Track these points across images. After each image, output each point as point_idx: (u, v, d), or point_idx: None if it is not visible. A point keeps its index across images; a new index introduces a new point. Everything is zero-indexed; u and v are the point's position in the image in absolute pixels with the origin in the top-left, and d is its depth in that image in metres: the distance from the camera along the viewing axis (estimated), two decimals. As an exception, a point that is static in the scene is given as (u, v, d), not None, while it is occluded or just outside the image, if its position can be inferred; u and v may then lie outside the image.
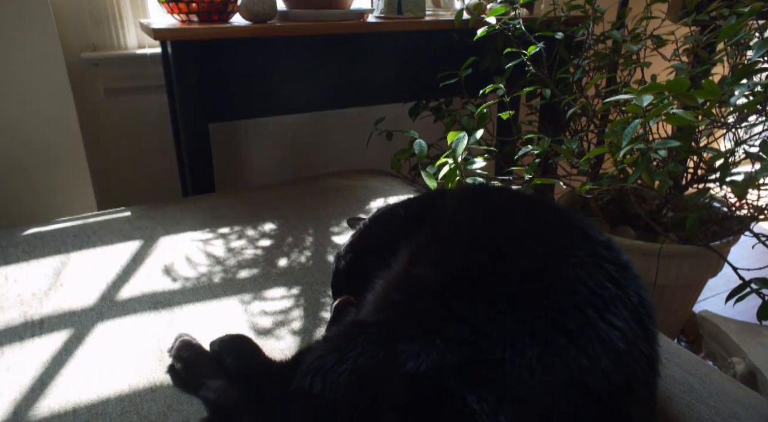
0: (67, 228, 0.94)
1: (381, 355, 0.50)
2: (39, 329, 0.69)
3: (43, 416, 0.56)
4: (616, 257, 0.56)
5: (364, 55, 1.34)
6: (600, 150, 0.98)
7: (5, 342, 0.66)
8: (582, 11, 1.29)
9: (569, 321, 0.48)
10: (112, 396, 0.59)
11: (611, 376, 0.45)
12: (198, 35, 1.10)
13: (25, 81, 1.11)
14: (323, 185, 1.14)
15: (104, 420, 0.56)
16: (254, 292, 0.77)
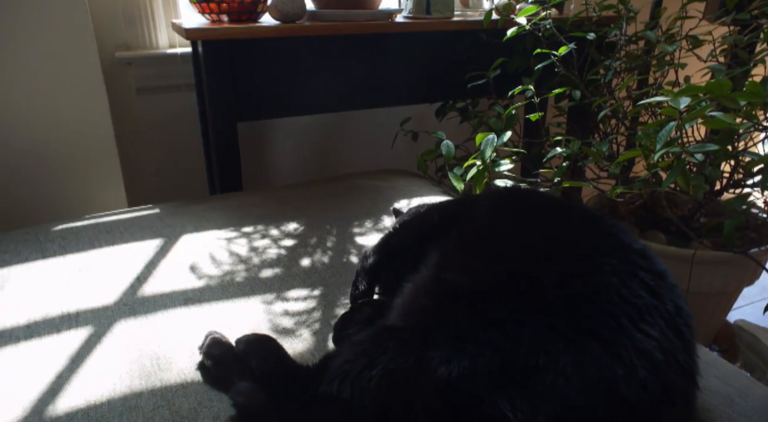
0: (100, 224, 0.96)
1: (412, 361, 0.49)
2: (75, 322, 0.70)
3: (79, 406, 0.58)
4: (651, 265, 0.54)
5: (391, 55, 1.33)
6: (633, 153, 0.96)
7: (44, 333, 0.67)
8: (615, 11, 1.27)
9: (603, 329, 0.47)
10: (145, 391, 0.60)
11: (649, 386, 0.44)
12: (228, 35, 1.11)
13: (61, 79, 1.14)
14: (350, 185, 1.14)
15: (137, 414, 0.57)
16: (277, 291, 0.78)
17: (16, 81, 1.10)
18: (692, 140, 1.28)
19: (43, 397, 0.58)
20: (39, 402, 0.58)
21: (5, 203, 1.16)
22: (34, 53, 1.10)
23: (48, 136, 1.16)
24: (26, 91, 1.12)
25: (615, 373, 0.44)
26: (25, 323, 0.69)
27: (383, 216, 1.01)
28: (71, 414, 0.56)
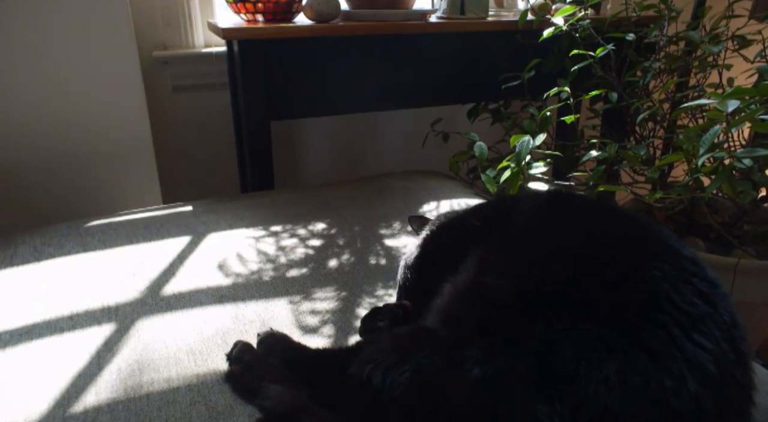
0: (137, 220, 0.98)
1: (446, 360, 0.49)
2: (114, 315, 0.71)
3: (119, 398, 0.59)
4: (703, 272, 0.52)
5: (424, 55, 1.33)
6: (674, 157, 0.93)
7: (85, 324, 0.69)
8: (656, 11, 1.24)
9: (652, 339, 0.45)
10: (182, 386, 0.61)
11: (701, 401, 0.42)
12: (264, 35, 1.12)
13: (101, 78, 1.17)
14: (381, 186, 1.14)
15: (175, 409, 0.58)
16: (307, 290, 0.78)
17: (58, 80, 1.13)
18: (737, 145, 1.24)
19: (86, 387, 0.60)
20: (82, 391, 0.59)
21: (46, 197, 1.20)
22: (76, 53, 1.13)
23: (87, 133, 1.19)
24: (67, 89, 1.15)
25: (663, 385, 0.43)
26: (68, 314, 0.71)
27: (418, 215, 1.00)
28: (112, 406, 0.57)
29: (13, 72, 1.09)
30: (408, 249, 0.78)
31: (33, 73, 1.11)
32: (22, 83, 1.11)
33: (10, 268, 0.82)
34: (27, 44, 1.08)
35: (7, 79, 1.09)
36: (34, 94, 1.12)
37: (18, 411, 0.57)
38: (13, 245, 0.88)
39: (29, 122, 1.13)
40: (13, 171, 1.15)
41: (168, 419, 0.56)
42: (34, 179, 1.17)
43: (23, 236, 0.91)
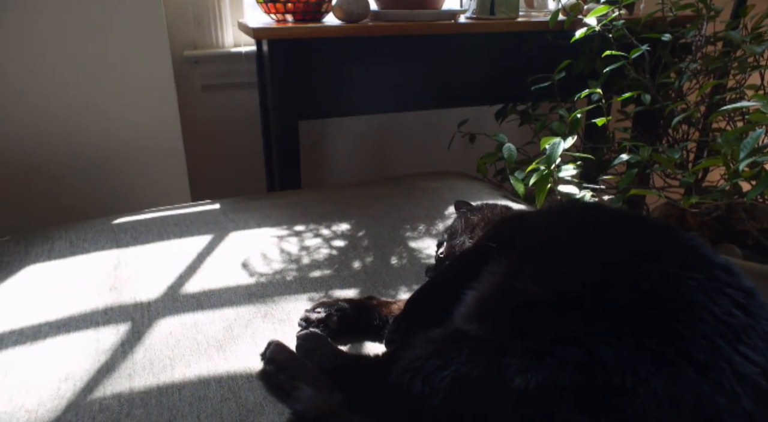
0: (168, 217, 1.00)
1: (486, 366, 0.48)
2: (147, 310, 0.73)
3: (152, 392, 0.59)
4: (738, 282, 0.50)
5: (452, 56, 1.32)
6: (712, 161, 0.91)
7: (120, 320, 0.70)
8: (693, 10, 1.20)
9: (698, 350, 0.43)
10: (213, 382, 0.61)
11: (756, 419, 0.41)
12: (294, 34, 1.13)
13: (134, 77, 1.19)
14: (409, 187, 1.14)
15: (206, 404, 0.58)
16: (333, 290, 0.78)
17: (92, 79, 1.15)
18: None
19: (120, 380, 0.61)
20: (116, 384, 0.60)
21: (79, 193, 1.22)
22: (110, 52, 1.15)
23: (120, 131, 1.22)
24: (101, 88, 1.17)
25: (715, 402, 0.41)
26: (102, 308, 0.73)
27: (441, 220, 0.99)
28: (146, 399, 0.58)
29: (50, 71, 1.12)
30: (458, 236, 0.77)
31: (69, 72, 1.13)
32: (58, 82, 1.13)
33: (48, 261, 0.84)
34: (64, 44, 1.11)
35: (44, 78, 1.12)
36: (69, 92, 1.15)
37: (55, 400, 0.58)
38: (51, 239, 0.90)
39: (64, 119, 1.16)
40: (48, 168, 1.18)
41: (199, 415, 0.57)
42: (67, 176, 1.20)
43: (59, 231, 0.93)
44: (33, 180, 1.17)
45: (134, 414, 0.57)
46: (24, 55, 1.09)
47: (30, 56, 1.09)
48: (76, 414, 0.56)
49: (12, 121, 1.12)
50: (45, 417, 0.56)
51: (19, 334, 0.67)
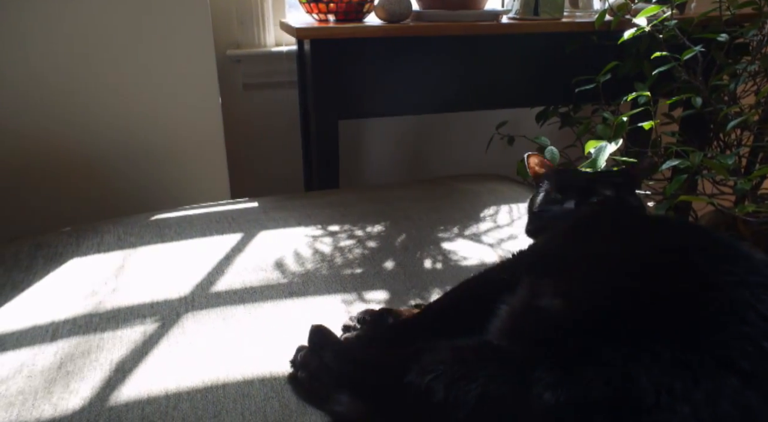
0: (210, 214, 1.02)
1: (515, 380, 0.45)
2: (191, 305, 0.74)
3: (197, 387, 0.60)
4: None
5: (494, 57, 1.30)
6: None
7: (165, 314, 0.72)
8: (755, 8, 1.15)
9: (742, 358, 0.40)
10: (256, 380, 0.62)
11: None
12: (337, 34, 1.13)
13: (178, 75, 1.21)
14: (449, 188, 1.13)
15: (250, 402, 0.59)
16: (376, 291, 0.78)
17: (138, 75, 1.18)
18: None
19: (167, 374, 0.62)
20: (163, 378, 0.61)
21: (123, 188, 1.26)
22: (157, 50, 1.18)
23: (164, 128, 1.25)
24: (147, 85, 1.20)
25: (765, 416, 0.38)
26: (149, 302, 0.74)
27: (479, 223, 0.98)
28: (192, 394, 0.59)
29: (98, 68, 1.15)
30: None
31: (116, 69, 1.16)
32: (105, 79, 1.16)
33: (98, 254, 0.86)
34: (112, 41, 1.14)
35: (92, 75, 1.15)
36: (114, 89, 1.18)
37: (106, 390, 0.59)
38: (100, 233, 0.93)
39: (110, 116, 1.19)
40: (93, 163, 1.21)
41: (244, 412, 0.58)
42: (112, 171, 1.23)
43: (108, 225, 0.96)
44: (80, 175, 1.21)
45: (181, 407, 0.58)
46: (74, 52, 1.12)
47: (80, 54, 1.13)
48: (126, 404, 0.58)
49: (62, 119, 1.16)
50: (98, 405, 0.57)
51: (72, 324, 0.70)
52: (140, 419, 0.56)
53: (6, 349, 0.65)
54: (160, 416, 0.56)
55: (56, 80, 1.13)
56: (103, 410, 0.57)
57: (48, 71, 1.11)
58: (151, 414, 0.57)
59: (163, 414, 0.57)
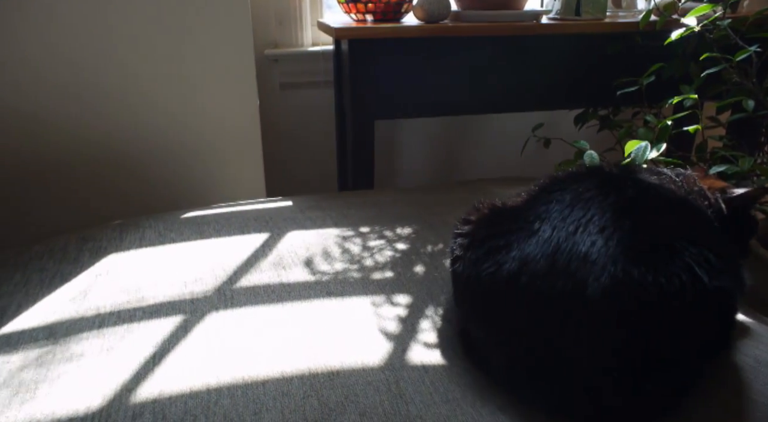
0: (247, 212, 1.03)
1: None
2: (230, 302, 0.75)
3: (238, 383, 0.61)
4: None
5: (533, 58, 1.28)
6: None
7: (205, 310, 0.73)
8: (813, 8, 1.10)
9: None
10: (295, 378, 0.62)
11: None
12: (376, 34, 1.13)
13: (218, 74, 1.23)
14: (485, 192, 1.11)
15: (289, 400, 0.59)
16: (394, 293, 0.77)
17: (178, 75, 1.21)
18: None
19: (207, 369, 0.63)
20: (204, 373, 0.62)
21: (161, 185, 1.28)
22: (197, 50, 1.20)
23: (202, 127, 1.27)
24: (186, 84, 1.22)
25: None
26: (189, 297, 0.75)
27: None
28: (232, 390, 0.60)
29: (139, 66, 1.18)
30: None
31: (156, 69, 1.19)
32: (145, 77, 1.19)
33: (140, 249, 0.88)
34: (153, 41, 1.16)
35: (132, 74, 1.18)
36: (155, 88, 1.20)
37: (151, 383, 0.61)
38: (141, 228, 0.95)
39: (149, 114, 1.22)
40: (134, 160, 1.24)
41: (283, 410, 0.58)
42: (150, 168, 1.26)
43: (149, 220, 0.98)
44: (120, 172, 1.24)
45: (222, 403, 0.58)
46: (116, 51, 1.15)
47: (121, 52, 1.15)
48: (169, 398, 0.59)
49: (102, 116, 1.19)
50: (143, 396, 0.58)
51: (117, 317, 0.71)
52: (183, 412, 0.57)
53: (57, 338, 0.67)
54: (202, 411, 0.57)
55: (96, 78, 1.16)
56: (148, 402, 0.58)
57: (88, 69, 1.15)
58: (194, 408, 0.57)
59: (204, 409, 0.57)
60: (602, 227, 0.55)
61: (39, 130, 1.16)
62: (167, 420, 0.56)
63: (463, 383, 0.63)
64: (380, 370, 0.64)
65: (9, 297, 0.75)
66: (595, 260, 0.53)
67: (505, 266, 0.58)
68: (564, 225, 0.57)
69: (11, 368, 0.63)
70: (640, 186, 0.62)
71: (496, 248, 0.60)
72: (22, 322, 0.70)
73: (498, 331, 0.61)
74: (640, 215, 0.57)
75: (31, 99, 1.13)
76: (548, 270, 0.55)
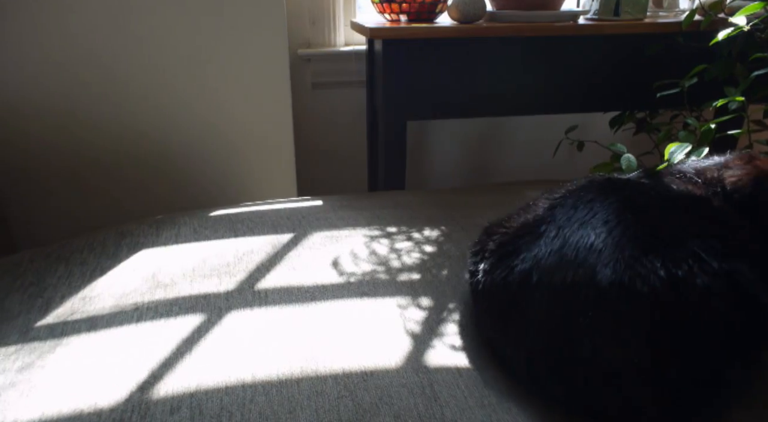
0: (280, 210, 1.03)
1: None
2: (264, 300, 0.75)
3: (273, 381, 0.61)
4: None
5: (570, 59, 1.25)
6: None
7: (240, 307, 0.73)
8: None
9: None
10: (329, 377, 0.62)
11: None
12: (411, 35, 1.13)
13: (252, 74, 1.25)
14: (518, 195, 1.10)
15: (324, 400, 0.59)
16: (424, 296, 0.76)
17: (212, 74, 1.22)
18: None
19: (243, 367, 0.63)
20: (239, 370, 0.62)
21: (193, 183, 1.31)
22: (232, 49, 1.21)
23: (235, 126, 1.28)
24: (220, 83, 1.24)
25: None
26: (224, 294, 0.76)
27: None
28: (267, 388, 0.60)
29: (174, 68, 1.20)
30: None
31: (191, 69, 1.21)
32: (180, 78, 1.21)
33: (176, 245, 0.89)
34: (188, 41, 1.18)
35: (169, 74, 1.20)
36: (190, 88, 1.22)
37: (186, 377, 0.61)
38: (177, 225, 0.96)
39: (184, 113, 1.24)
40: (168, 158, 1.27)
41: (317, 409, 0.58)
42: (186, 166, 1.28)
43: (184, 217, 1.00)
44: (155, 169, 1.26)
45: (257, 401, 0.59)
46: (151, 52, 1.17)
47: (157, 53, 1.18)
48: (206, 393, 0.59)
49: (138, 114, 1.22)
50: (180, 390, 0.59)
51: (154, 311, 0.73)
52: (219, 408, 0.57)
53: (98, 330, 0.69)
54: (238, 407, 0.58)
55: (133, 78, 1.19)
56: (185, 396, 0.59)
57: (124, 69, 1.17)
58: (230, 404, 0.58)
59: (240, 406, 0.58)
60: (606, 220, 0.57)
61: (78, 129, 1.19)
62: (204, 415, 0.57)
63: (498, 389, 0.62)
64: (414, 372, 0.63)
65: (53, 289, 0.78)
66: (601, 250, 0.54)
67: (516, 268, 0.60)
68: (569, 224, 0.59)
69: (56, 357, 0.64)
70: (638, 187, 0.65)
71: (506, 254, 0.63)
72: (66, 314, 0.72)
73: (516, 331, 0.61)
74: (641, 210, 0.59)
75: (69, 99, 1.17)
76: (557, 264, 0.56)
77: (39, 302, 0.75)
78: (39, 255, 0.88)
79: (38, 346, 0.67)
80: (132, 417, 0.56)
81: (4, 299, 0.76)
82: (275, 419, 0.56)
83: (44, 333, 0.69)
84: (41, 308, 0.74)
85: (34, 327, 0.70)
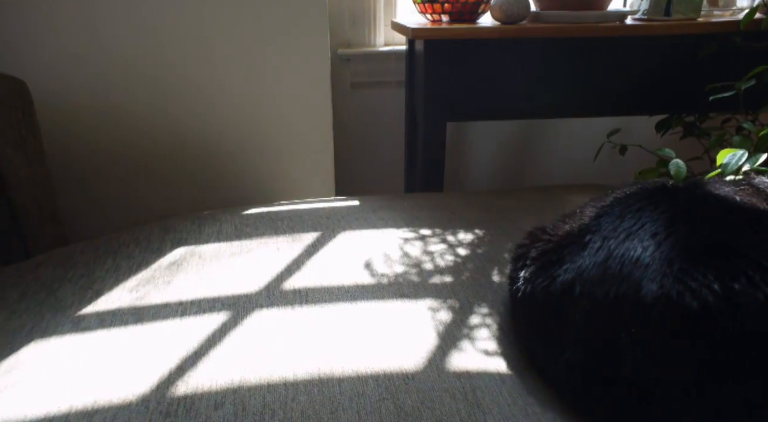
0: (319, 209, 1.04)
1: None
2: (305, 299, 0.76)
3: (314, 381, 0.61)
4: None
5: (616, 61, 1.22)
6: None
7: (281, 304, 0.74)
8: None
9: None
10: (371, 379, 0.62)
11: None
12: (453, 35, 1.12)
13: (293, 73, 1.26)
14: (561, 200, 1.07)
15: (365, 401, 0.59)
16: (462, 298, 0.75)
17: (255, 73, 1.24)
18: None
19: (285, 365, 0.63)
20: (281, 368, 0.63)
21: (234, 180, 1.33)
22: (274, 48, 1.23)
23: (276, 125, 1.30)
24: (262, 82, 1.25)
25: None
26: (265, 292, 0.77)
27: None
28: (309, 388, 0.60)
29: (218, 66, 1.22)
30: None
31: (235, 67, 1.23)
32: (224, 77, 1.23)
33: (217, 243, 0.91)
34: (232, 39, 1.20)
35: (213, 73, 1.22)
36: (233, 86, 1.24)
37: (229, 373, 0.62)
38: (219, 222, 0.98)
39: (227, 111, 1.26)
40: (210, 155, 1.29)
41: (359, 411, 0.58)
42: (228, 163, 1.31)
43: (225, 214, 1.01)
44: (197, 165, 1.29)
45: (299, 400, 0.59)
46: (197, 49, 1.20)
47: (203, 50, 1.20)
48: (249, 390, 0.60)
49: (183, 111, 1.24)
50: (223, 386, 0.60)
51: (198, 307, 0.74)
52: (262, 406, 0.58)
53: (144, 323, 0.70)
54: (281, 406, 0.58)
55: (183, 75, 1.21)
56: (228, 392, 0.59)
57: (176, 65, 1.20)
58: (272, 402, 0.58)
59: (282, 404, 0.58)
60: (654, 233, 0.54)
61: (118, 127, 1.23)
62: (247, 412, 0.57)
63: (542, 397, 0.60)
64: (455, 377, 0.62)
65: (102, 281, 0.80)
66: (648, 264, 0.52)
67: (559, 278, 0.59)
68: (615, 235, 0.57)
69: (102, 348, 0.66)
70: (693, 196, 0.61)
71: (549, 263, 0.61)
72: (114, 304, 0.74)
73: (555, 342, 0.59)
74: (694, 222, 0.56)
75: (123, 92, 1.20)
76: (601, 277, 0.55)
77: (89, 294, 0.77)
78: (89, 248, 0.91)
79: (88, 337, 0.69)
80: (178, 410, 0.57)
81: (58, 290, 0.78)
82: (317, 419, 0.56)
83: (94, 324, 0.71)
84: (91, 299, 0.76)
85: (85, 318, 0.72)
